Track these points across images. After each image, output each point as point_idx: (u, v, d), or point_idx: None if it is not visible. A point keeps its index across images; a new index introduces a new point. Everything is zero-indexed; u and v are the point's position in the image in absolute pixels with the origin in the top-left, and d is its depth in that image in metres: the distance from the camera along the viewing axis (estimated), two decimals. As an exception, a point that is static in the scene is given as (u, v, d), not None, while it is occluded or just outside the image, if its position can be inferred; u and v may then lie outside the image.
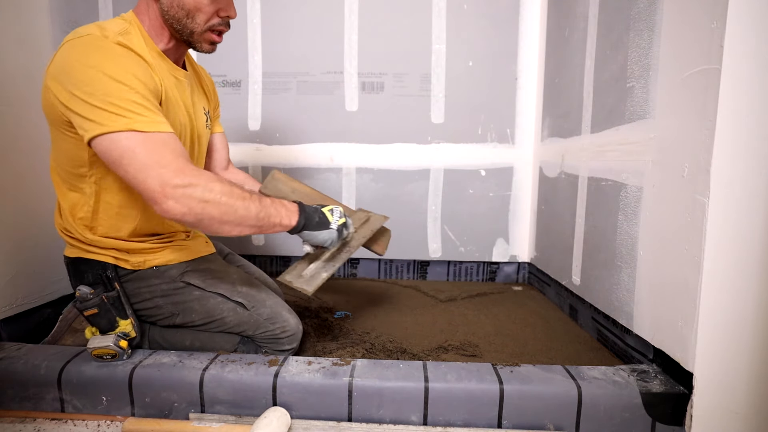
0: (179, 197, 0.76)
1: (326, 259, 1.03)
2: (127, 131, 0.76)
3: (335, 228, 0.94)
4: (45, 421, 0.88)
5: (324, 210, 0.95)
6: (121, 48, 0.81)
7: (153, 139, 0.77)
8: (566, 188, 1.43)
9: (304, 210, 0.92)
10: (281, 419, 0.80)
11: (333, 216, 0.95)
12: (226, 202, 0.79)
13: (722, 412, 0.80)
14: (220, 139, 1.23)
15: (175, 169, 0.76)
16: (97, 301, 0.93)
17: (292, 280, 1.00)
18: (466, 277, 1.85)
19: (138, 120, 0.77)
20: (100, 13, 1.45)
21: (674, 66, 0.88)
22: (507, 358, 1.11)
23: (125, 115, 0.76)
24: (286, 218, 0.89)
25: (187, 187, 0.76)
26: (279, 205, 0.88)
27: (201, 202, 0.77)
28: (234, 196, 0.81)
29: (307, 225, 0.92)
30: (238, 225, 0.82)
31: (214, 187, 0.79)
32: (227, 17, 0.94)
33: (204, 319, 1.01)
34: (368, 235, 1.12)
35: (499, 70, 1.73)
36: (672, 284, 0.87)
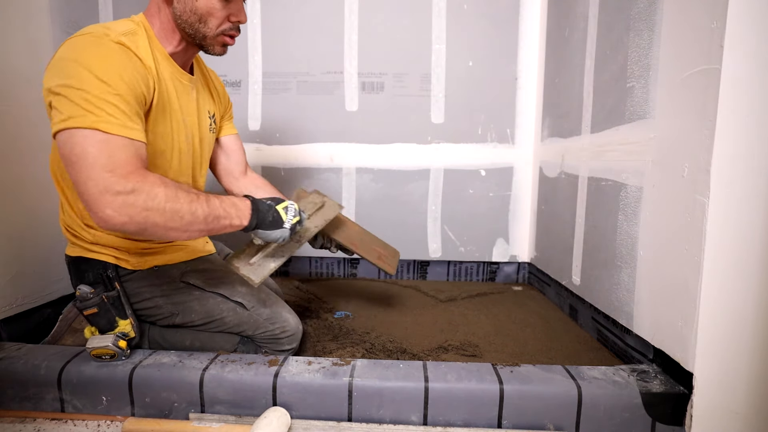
0: (119, 206, 0.72)
1: (274, 249, 1.00)
2: (89, 129, 0.73)
3: (288, 227, 0.92)
4: (45, 421, 0.88)
5: (278, 208, 0.93)
6: (117, 46, 0.81)
7: (112, 142, 0.74)
8: (566, 188, 1.43)
9: (258, 209, 0.89)
10: (281, 419, 0.80)
11: (287, 215, 0.93)
12: (170, 208, 0.76)
13: (722, 412, 0.80)
14: (234, 141, 1.20)
15: (120, 174, 0.73)
16: (97, 300, 0.93)
17: (240, 266, 0.97)
18: (466, 277, 1.85)
19: (106, 120, 0.75)
20: (100, 13, 1.45)
21: (674, 66, 0.88)
22: (507, 358, 1.11)
23: (94, 112, 0.74)
24: (236, 219, 0.86)
25: (129, 194, 0.73)
26: (229, 205, 0.86)
27: (143, 210, 0.74)
28: (180, 200, 0.78)
29: (260, 224, 0.90)
30: (185, 231, 0.80)
31: (157, 193, 0.75)
32: (238, 22, 0.94)
33: (204, 319, 1.01)
34: (321, 225, 1.09)
35: (499, 70, 1.73)
36: (672, 284, 0.87)
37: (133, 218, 0.73)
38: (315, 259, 1.86)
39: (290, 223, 0.93)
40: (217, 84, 1.16)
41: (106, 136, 0.74)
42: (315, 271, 1.87)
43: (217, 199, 0.85)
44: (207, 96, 1.09)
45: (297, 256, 1.85)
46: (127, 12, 0.96)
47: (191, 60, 1.02)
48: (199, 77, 1.06)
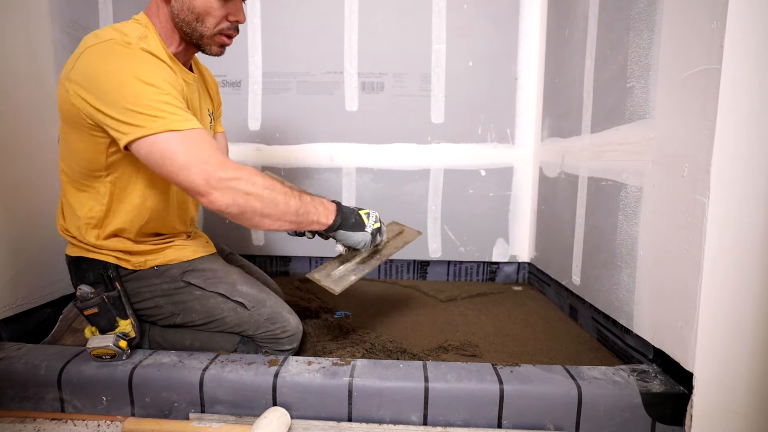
0: (224, 189, 0.78)
1: (357, 262, 1.04)
2: (165, 132, 0.77)
3: (369, 231, 0.96)
4: (45, 421, 0.88)
5: (361, 213, 0.97)
6: (146, 53, 0.83)
7: (190, 137, 0.79)
8: (566, 188, 1.43)
9: (342, 210, 0.94)
10: (281, 419, 0.80)
11: (369, 219, 0.97)
12: (268, 195, 0.81)
13: (722, 412, 0.80)
14: (222, 140, 1.24)
15: (216, 163, 0.78)
16: (97, 300, 0.93)
17: (321, 278, 1.01)
18: (466, 277, 1.85)
19: (173, 120, 0.78)
20: (100, 13, 1.45)
21: (674, 66, 0.88)
22: (507, 358, 1.11)
23: (161, 116, 0.77)
24: (323, 216, 0.90)
25: (231, 179, 0.78)
26: (318, 203, 0.91)
27: (244, 194, 0.79)
28: (276, 190, 0.83)
29: (343, 225, 0.94)
30: (278, 219, 0.84)
31: (257, 180, 0.81)
32: (236, 22, 0.94)
33: (204, 319, 1.01)
34: (400, 246, 1.15)
35: (499, 70, 1.73)
36: (672, 284, 0.87)
37: (236, 201, 0.79)
38: (315, 259, 1.86)
39: (372, 227, 0.97)
40: (212, 82, 1.17)
41: (181, 134, 0.78)
42: (315, 271, 1.87)
43: (308, 196, 0.90)
44: (205, 94, 1.10)
45: (297, 256, 1.85)
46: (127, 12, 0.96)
47: (191, 59, 1.02)
48: (198, 76, 1.06)
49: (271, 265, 1.87)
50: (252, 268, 1.30)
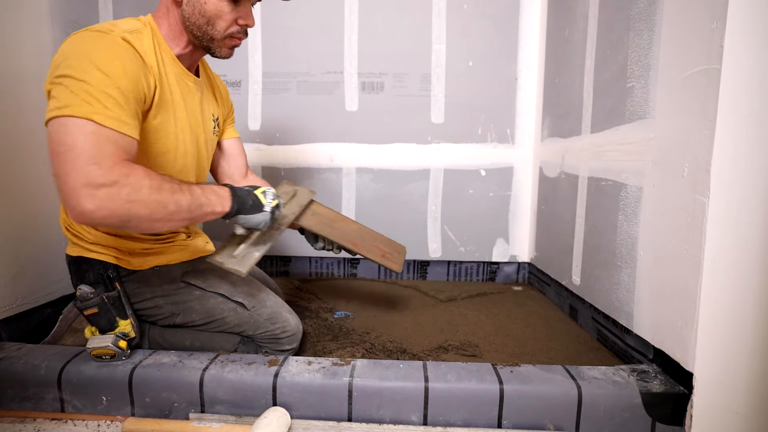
0: (101, 199, 0.70)
1: (256, 238, 0.99)
2: (84, 119, 0.72)
3: (269, 210, 0.91)
4: (45, 421, 0.88)
5: (257, 192, 0.92)
6: (121, 42, 0.81)
7: (104, 134, 0.74)
8: (566, 188, 1.43)
9: (237, 194, 0.89)
10: (281, 419, 0.80)
11: (266, 198, 0.92)
12: (155, 199, 0.75)
13: (722, 412, 0.80)
14: (236, 144, 1.21)
15: (106, 167, 0.71)
16: (97, 300, 0.93)
17: (224, 261, 0.94)
18: (466, 277, 1.85)
19: (102, 111, 0.74)
20: (100, 13, 1.45)
21: (674, 66, 0.88)
22: (507, 358, 1.11)
23: (91, 103, 0.73)
24: (218, 205, 0.85)
25: (112, 186, 0.71)
26: (210, 193, 0.85)
27: (126, 202, 0.72)
28: (164, 191, 0.77)
29: (241, 209, 0.89)
30: (169, 221, 0.79)
31: (143, 185, 0.74)
32: (246, 25, 0.95)
33: (204, 319, 1.01)
34: (297, 211, 1.10)
35: (499, 70, 1.73)
36: (672, 284, 0.87)
37: (115, 211, 0.71)
38: (315, 259, 1.86)
39: (270, 206, 0.92)
40: (221, 87, 1.17)
41: (98, 128, 0.73)
42: (315, 271, 1.87)
43: (198, 188, 0.84)
44: (212, 99, 1.09)
45: (297, 256, 1.85)
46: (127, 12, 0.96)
47: (197, 62, 1.02)
48: (204, 80, 1.06)
49: (271, 265, 1.87)
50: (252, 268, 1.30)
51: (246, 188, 0.92)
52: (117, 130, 0.75)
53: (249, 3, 0.94)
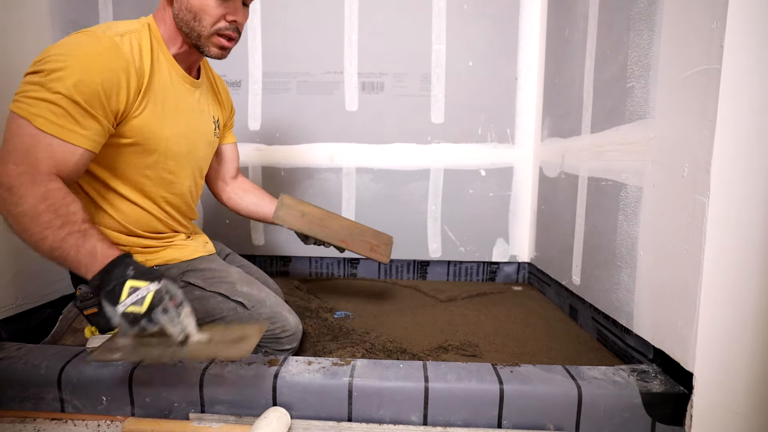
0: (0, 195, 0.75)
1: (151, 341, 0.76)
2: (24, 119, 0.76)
3: (120, 310, 0.73)
4: (45, 421, 0.88)
5: (127, 284, 0.74)
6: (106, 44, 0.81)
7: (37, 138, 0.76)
8: (566, 188, 1.43)
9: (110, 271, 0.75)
10: (281, 419, 0.80)
11: (129, 296, 0.73)
12: (25, 223, 0.74)
13: (722, 412, 0.80)
14: (231, 150, 1.23)
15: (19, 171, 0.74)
16: (97, 300, 0.93)
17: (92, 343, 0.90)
18: (466, 277, 1.85)
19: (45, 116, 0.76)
20: (100, 13, 1.45)
21: (674, 66, 0.88)
22: (507, 358, 1.11)
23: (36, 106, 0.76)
24: (83, 267, 0.76)
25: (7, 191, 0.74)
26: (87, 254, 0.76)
27: (7, 210, 0.75)
28: (36, 221, 0.74)
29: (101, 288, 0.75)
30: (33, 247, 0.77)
31: (22, 205, 0.74)
32: (234, 22, 0.93)
33: (204, 319, 1.01)
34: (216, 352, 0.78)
35: (499, 70, 1.73)
36: (672, 284, 0.87)
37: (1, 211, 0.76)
38: (315, 259, 1.86)
39: (125, 307, 0.73)
40: (223, 91, 1.17)
41: (35, 132, 0.76)
42: (315, 271, 1.87)
43: (81, 239, 0.76)
44: (213, 101, 1.09)
45: (297, 256, 1.85)
46: (127, 12, 0.97)
47: (197, 63, 1.02)
48: (205, 82, 1.06)
49: (271, 265, 1.87)
50: (252, 268, 1.30)
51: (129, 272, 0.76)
52: (54, 135, 0.77)
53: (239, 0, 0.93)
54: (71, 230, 0.76)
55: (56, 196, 0.76)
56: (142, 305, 0.73)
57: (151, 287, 0.75)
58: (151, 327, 0.74)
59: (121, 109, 0.85)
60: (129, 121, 0.87)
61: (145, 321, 0.73)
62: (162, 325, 0.74)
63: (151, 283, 0.75)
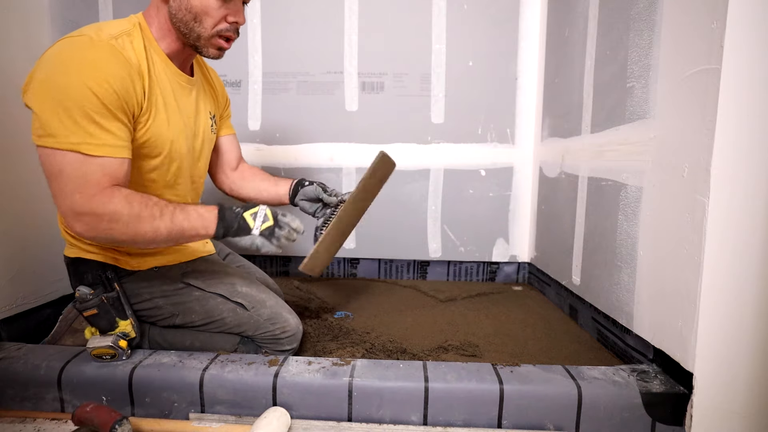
0: (85, 224, 0.79)
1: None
2: (68, 151, 0.77)
3: (257, 233, 0.87)
4: (45, 421, 0.88)
5: (246, 214, 0.88)
6: (107, 49, 0.80)
7: (88, 163, 0.78)
8: (566, 188, 1.43)
9: (224, 217, 0.87)
10: (281, 419, 0.80)
11: (255, 221, 0.88)
12: (133, 227, 0.80)
13: (722, 412, 0.80)
14: (230, 141, 1.21)
15: (88, 195, 0.78)
16: (96, 301, 0.93)
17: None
18: (466, 277, 1.85)
19: (86, 141, 0.77)
20: (100, 13, 1.45)
21: (674, 66, 0.88)
22: (507, 358, 1.11)
23: (76, 133, 0.76)
24: (202, 229, 0.86)
25: (91, 215, 0.78)
26: (195, 217, 0.85)
27: (107, 229, 0.79)
28: (142, 219, 0.80)
29: (228, 232, 0.87)
30: (150, 243, 0.84)
31: (121, 214, 0.79)
32: (235, 23, 0.92)
33: (204, 320, 1.01)
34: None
35: (499, 70, 1.73)
36: (672, 284, 0.87)
37: (99, 235, 0.80)
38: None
39: (259, 228, 0.88)
40: (217, 83, 1.15)
41: (83, 158, 0.77)
42: (315, 271, 1.87)
43: (182, 212, 0.85)
44: (208, 96, 1.08)
45: (297, 256, 1.85)
46: (127, 12, 0.96)
47: (190, 60, 1.00)
48: (199, 77, 1.05)
49: (271, 265, 1.87)
50: (251, 268, 1.30)
51: (236, 210, 0.89)
52: (102, 156, 0.78)
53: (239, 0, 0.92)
54: (171, 211, 0.84)
55: (135, 196, 0.81)
56: (269, 219, 0.89)
57: (262, 207, 0.90)
58: (283, 231, 0.89)
59: (135, 112, 0.85)
60: (138, 125, 0.87)
61: (278, 228, 0.89)
62: (288, 224, 0.90)
63: (259, 205, 0.90)
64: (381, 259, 1.84)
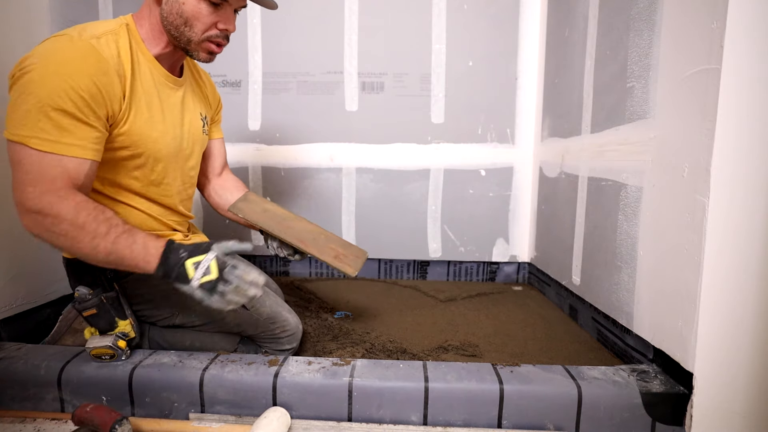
0: (33, 220, 0.77)
1: None
2: (17, 143, 0.76)
3: (196, 285, 0.80)
4: (45, 421, 0.88)
5: (188, 262, 0.80)
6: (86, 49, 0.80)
7: (43, 159, 0.77)
8: (566, 188, 1.43)
9: (167, 260, 0.81)
10: (281, 419, 0.80)
11: (196, 271, 0.80)
12: (73, 237, 0.78)
13: (722, 412, 0.80)
14: (217, 146, 1.20)
15: (39, 192, 0.76)
16: (95, 301, 0.93)
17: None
18: (466, 277, 1.85)
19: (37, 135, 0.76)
20: (100, 13, 1.45)
21: (674, 66, 0.88)
22: (507, 358, 1.11)
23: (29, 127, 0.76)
24: (143, 262, 0.81)
25: (36, 213, 0.77)
26: (139, 249, 0.80)
27: (47, 230, 0.78)
28: (83, 232, 0.77)
29: (167, 276, 0.81)
30: (88, 258, 0.81)
31: (63, 221, 0.77)
32: (225, 30, 0.92)
33: (204, 320, 1.01)
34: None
35: (499, 70, 1.73)
36: (672, 284, 0.87)
37: (42, 234, 0.78)
38: (315, 259, 1.85)
39: (198, 281, 0.80)
40: (209, 86, 1.15)
41: (37, 153, 0.77)
42: (315, 271, 1.87)
43: (129, 239, 0.80)
44: (199, 98, 1.07)
45: (297, 256, 1.85)
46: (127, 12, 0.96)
47: (180, 63, 1.00)
48: (189, 79, 1.04)
49: (271, 265, 1.87)
50: (251, 268, 1.29)
51: (182, 253, 0.82)
52: (57, 153, 0.78)
53: (231, 7, 0.92)
54: (118, 233, 0.80)
55: (88, 206, 0.79)
56: (211, 273, 0.80)
57: (210, 256, 0.81)
58: (228, 287, 0.80)
59: (109, 112, 0.84)
60: (117, 124, 0.86)
61: (222, 284, 0.80)
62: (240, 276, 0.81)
63: (207, 253, 0.81)
64: (381, 259, 1.84)
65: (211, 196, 1.21)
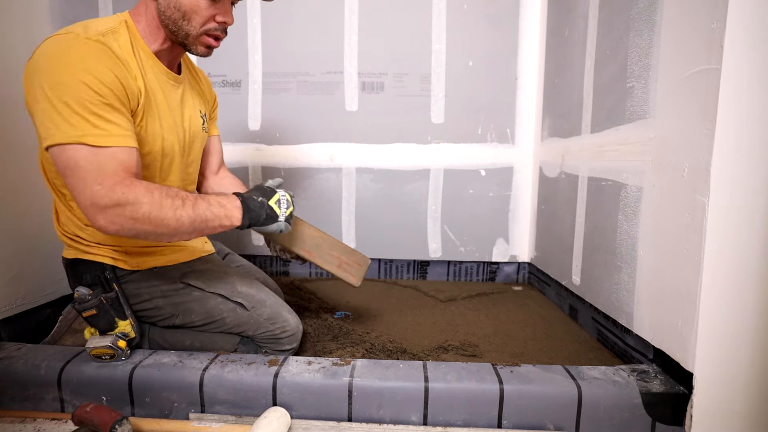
0: (108, 217, 0.76)
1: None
2: (75, 144, 0.75)
3: (283, 220, 0.95)
4: (45, 421, 0.88)
5: (271, 203, 0.94)
6: (98, 47, 0.80)
7: (100, 154, 0.77)
8: (566, 188, 1.43)
9: (249, 207, 0.90)
10: (281, 419, 0.80)
11: (281, 208, 0.95)
12: (156, 216, 0.78)
13: (722, 412, 0.80)
14: (215, 143, 1.20)
15: (108, 187, 0.76)
16: (95, 302, 0.93)
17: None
18: (466, 277, 1.85)
19: (91, 132, 0.76)
20: (101, 13, 1.45)
21: (674, 66, 0.88)
22: (507, 358, 1.11)
23: (79, 126, 0.75)
24: (226, 219, 0.87)
25: (115, 206, 0.76)
26: (218, 207, 0.86)
27: (130, 220, 0.77)
28: (164, 209, 0.79)
29: (254, 223, 0.91)
30: (174, 235, 0.83)
31: (143, 203, 0.77)
32: (224, 23, 0.92)
33: (204, 320, 1.01)
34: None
35: (499, 70, 1.73)
36: (672, 284, 0.87)
37: (123, 226, 0.78)
38: (315, 259, 1.85)
39: (284, 215, 0.95)
40: (205, 83, 1.15)
41: (93, 150, 0.76)
42: (315, 271, 1.87)
43: (204, 202, 0.85)
44: (197, 95, 1.07)
45: (297, 256, 1.85)
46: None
47: (178, 59, 1.00)
48: (187, 76, 1.04)
49: (271, 265, 1.87)
50: (251, 268, 1.30)
51: (259, 199, 0.92)
52: (111, 146, 0.78)
53: (228, 0, 0.92)
54: (192, 200, 0.84)
55: (154, 187, 0.81)
56: (291, 205, 0.98)
57: (281, 192, 0.97)
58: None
59: (132, 107, 0.85)
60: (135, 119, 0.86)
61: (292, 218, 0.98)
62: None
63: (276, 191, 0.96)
64: (381, 259, 1.84)
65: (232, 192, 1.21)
